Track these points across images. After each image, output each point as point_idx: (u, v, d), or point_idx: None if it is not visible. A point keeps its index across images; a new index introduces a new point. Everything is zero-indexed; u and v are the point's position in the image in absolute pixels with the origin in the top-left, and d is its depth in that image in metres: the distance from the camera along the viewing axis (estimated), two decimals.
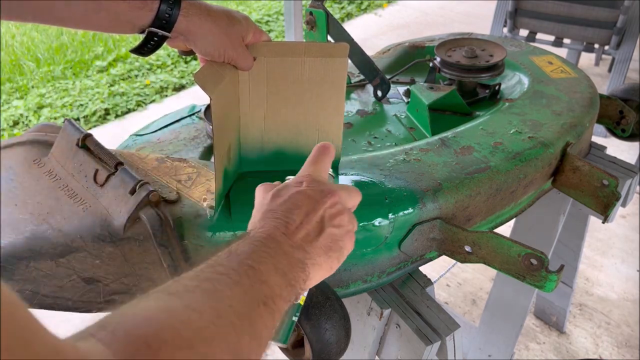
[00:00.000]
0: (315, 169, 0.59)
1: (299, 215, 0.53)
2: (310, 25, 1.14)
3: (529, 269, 0.76)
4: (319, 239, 0.53)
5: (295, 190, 0.55)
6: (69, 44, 3.77)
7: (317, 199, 0.55)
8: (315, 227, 0.53)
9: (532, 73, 1.15)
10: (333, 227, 0.55)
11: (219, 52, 0.69)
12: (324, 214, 0.54)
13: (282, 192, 0.56)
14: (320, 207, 0.54)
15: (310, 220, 0.53)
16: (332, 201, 0.55)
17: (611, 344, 1.68)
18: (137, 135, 1.00)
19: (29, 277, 0.71)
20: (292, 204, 0.54)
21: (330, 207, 0.55)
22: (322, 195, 0.55)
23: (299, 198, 0.54)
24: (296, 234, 0.52)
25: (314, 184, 0.57)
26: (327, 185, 0.57)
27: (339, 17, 4.19)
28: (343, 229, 0.56)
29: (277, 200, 0.55)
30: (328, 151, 0.61)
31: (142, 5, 0.63)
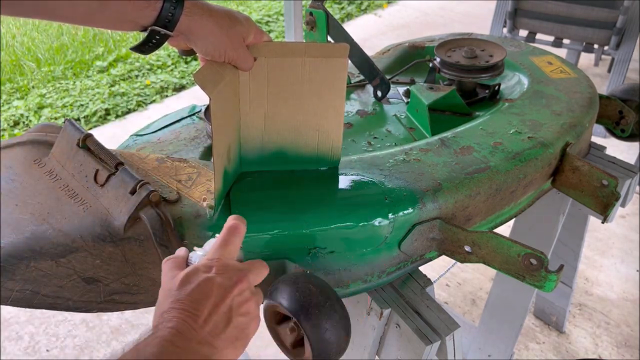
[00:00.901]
0: (226, 252, 0.59)
1: (207, 307, 0.53)
2: (310, 25, 1.15)
3: (529, 269, 0.76)
4: (227, 330, 0.53)
5: (205, 277, 0.55)
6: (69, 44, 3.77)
7: (226, 286, 0.55)
8: (223, 317, 0.53)
9: (531, 73, 1.15)
10: (240, 316, 0.55)
11: (219, 53, 0.69)
12: (232, 303, 0.54)
13: (191, 278, 0.55)
14: (228, 295, 0.54)
15: (218, 311, 0.53)
16: (240, 288, 0.56)
17: (611, 343, 1.68)
18: (137, 135, 1.01)
19: (29, 277, 0.71)
20: (200, 293, 0.53)
21: (239, 295, 0.55)
22: (231, 282, 0.55)
23: (208, 287, 0.54)
24: (204, 328, 0.51)
25: (223, 269, 0.56)
26: (236, 271, 0.57)
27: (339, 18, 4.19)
28: (249, 316, 0.56)
29: (186, 288, 0.54)
30: (238, 232, 0.61)
31: (146, 4, 0.64)
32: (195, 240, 0.73)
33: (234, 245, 0.60)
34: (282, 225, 0.75)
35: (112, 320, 1.76)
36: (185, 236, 0.73)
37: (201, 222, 0.73)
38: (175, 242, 0.72)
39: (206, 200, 0.75)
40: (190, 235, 0.73)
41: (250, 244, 0.74)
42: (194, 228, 0.73)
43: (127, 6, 0.63)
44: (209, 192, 0.77)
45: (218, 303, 0.53)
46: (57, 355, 1.66)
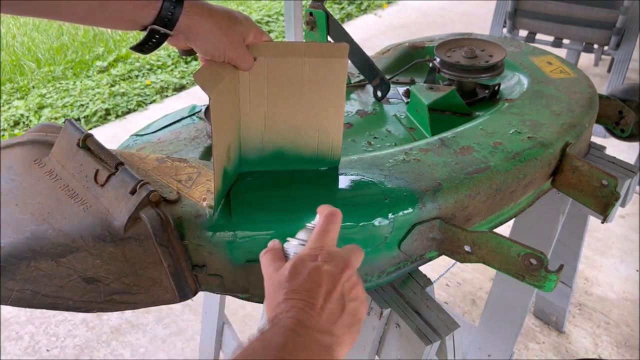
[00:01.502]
0: (327, 239, 0.59)
1: (321, 295, 0.53)
2: (310, 25, 1.15)
3: (529, 269, 0.76)
4: (342, 316, 0.54)
5: (313, 266, 0.55)
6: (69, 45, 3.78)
7: (335, 274, 0.55)
8: (337, 304, 0.54)
9: (531, 73, 1.15)
10: (351, 302, 0.55)
11: (219, 52, 0.69)
12: (342, 289, 0.55)
13: (299, 268, 0.55)
14: (339, 282, 0.55)
15: (331, 299, 0.54)
16: (348, 274, 0.56)
17: (610, 343, 1.68)
18: (137, 135, 1.01)
19: (29, 277, 0.71)
20: (313, 282, 0.54)
21: (347, 281, 0.56)
22: (339, 269, 0.56)
23: (318, 275, 0.54)
24: (321, 316, 0.52)
25: (328, 257, 0.57)
26: (341, 258, 0.57)
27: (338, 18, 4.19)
28: (359, 300, 0.57)
29: (298, 279, 0.54)
30: (337, 219, 0.61)
31: (146, 3, 0.64)
32: (196, 240, 0.74)
33: (333, 232, 0.60)
34: (282, 225, 0.75)
35: (112, 320, 1.76)
36: (185, 236, 0.73)
37: (201, 222, 0.73)
38: (176, 242, 0.72)
39: (206, 200, 0.75)
40: (191, 235, 0.73)
41: (250, 243, 0.74)
42: (194, 228, 0.73)
43: (127, 5, 0.63)
44: (209, 192, 0.77)
45: (330, 290, 0.54)
46: (57, 355, 1.66)
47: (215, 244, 0.74)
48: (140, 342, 1.70)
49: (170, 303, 0.77)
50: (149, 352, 1.67)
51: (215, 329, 1.47)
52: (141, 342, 1.70)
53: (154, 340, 1.70)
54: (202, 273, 0.76)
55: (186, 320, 1.77)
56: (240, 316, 1.76)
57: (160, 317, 1.77)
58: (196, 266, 0.75)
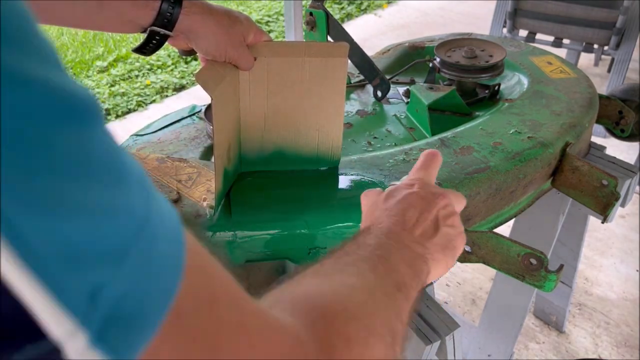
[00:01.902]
0: (425, 174, 0.60)
1: (414, 214, 0.54)
2: (310, 25, 1.15)
3: (529, 269, 0.76)
4: (435, 237, 0.54)
5: (408, 191, 0.56)
6: (69, 44, 3.78)
7: (430, 199, 0.56)
8: (431, 225, 0.54)
9: (531, 73, 1.15)
10: (447, 227, 0.55)
11: (220, 52, 0.69)
12: (437, 214, 0.55)
13: (394, 193, 0.57)
14: (433, 207, 0.55)
15: (425, 219, 0.54)
16: (444, 202, 0.56)
17: (610, 343, 1.68)
18: (137, 135, 1.01)
19: None
20: (407, 203, 0.55)
21: (443, 208, 0.56)
22: (435, 196, 0.56)
23: (412, 198, 0.55)
24: (414, 231, 0.53)
25: (425, 186, 0.58)
26: (437, 188, 0.58)
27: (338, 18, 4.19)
28: (456, 229, 0.57)
29: (391, 200, 0.55)
30: (437, 158, 0.62)
31: (144, 4, 0.64)
32: None
33: (433, 168, 0.62)
34: (282, 225, 0.75)
35: None
36: None
37: (201, 222, 0.73)
38: None
39: (206, 200, 0.75)
40: None
41: (250, 244, 0.74)
42: (194, 228, 0.73)
43: (125, 6, 0.63)
44: (209, 192, 0.77)
45: (424, 211, 0.54)
46: None
47: (215, 244, 0.74)
48: None
49: None
50: None
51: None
52: None
53: None
54: None
55: None
56: None
57: None
58: None
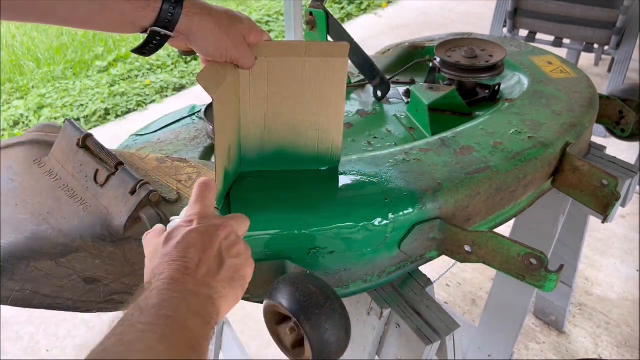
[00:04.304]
0: (202, 206, 0.59)
1: (196, 254, 0.53)
2: (310, 25, 1.15)
3: (529, 269, 0.76)
4: (221, 272, 0.54)
5: (187, 230, 0.55)
6: (69, 44, 3.77)
7: (211, 233, 0.55)
8: (215, 261, 0.54)
9: (531, 73, 1.15)
10: (232, 258, 0.55)
11: (220, 52, 0.69)
12: (220, 246, 0.55)
13: (173, 233, 0.55)
14: (215, 241, 0.55)
15: (208, 256, 0.53)
16: (225, 233, 0.56)
17: (611, 343, 1.68)
18: (137, 135, 1.01)
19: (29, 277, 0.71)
20: (186, 243, 0.53)
21: (225, 239, 0.56)
22: (215, 229, 0.56)
23: (192, 237, 0.54)
24: (198, 272, 0.52)
25: (204, 220, 0.57)
26: (217, 219, 0.58)
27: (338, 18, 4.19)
28: (242, 257, 0.57)
29: (171, 243, 0.54)
30: (210, 187, 0.62)
31: (145, 5, 0.64)
32: None
33: (208, 199, 0.61)
34: (282, 225, 0.75)
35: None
36: None
37: None
38: None
39: None
40: None
41: (250, 244, 0.74)
42: None
43: (127, 7, 0.63)
44: None
45: (206, 248, 0.54)
46: (57, 355, 1.66)
47: None
48: None
49: None
50: None
51: (215, 329, 1.47)
52: None
53: None
54: None
55: None
56: (240, 316, 1.76)
57: None
58: None
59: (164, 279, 0.50)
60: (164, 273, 0.50)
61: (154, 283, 0.49)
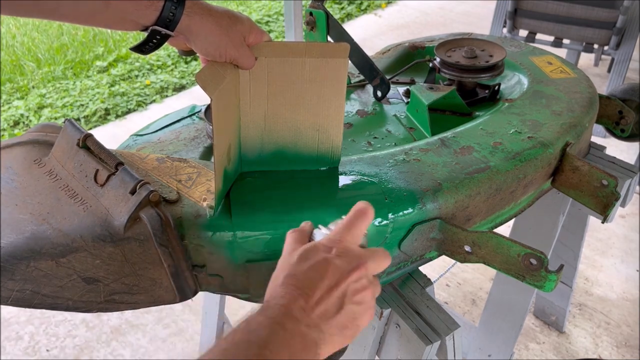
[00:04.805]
0: (349, 235, 0.57)
1: (321, 288, 0.51)
2: (310, 25, 1.15)
3: (529, 269, 0.76)
4: (337, 316, 0.51)
5: (323, 257, 0.53)
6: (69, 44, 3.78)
7: (343, 271, 0.52)
8: (336, 302, 0.52)
9: (531, 73, 1.15)
10: (354, 304, 0.53)
11: (219, 52, 0.69)
12: (346, 289, 0.52)
13: (309, 254, 0.53)
14: (344, 281, 0.52)
15: (331, 295, 0.51)
16: (357, 275, 0.53)
17: (611, 343, 1.68)
18: (137, 135, 1.01)
19: (29, 277, 0.71)
20: (316, 272, 0.52)
21: (355, 282, 0.53)
22: (350, 267, 0.53)
23: (324, 268, 0.52)
24: (314, 310, 0.50)
25: (343, 252, 0.54)
26: (356, 257, 0.54)
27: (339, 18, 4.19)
28: (363, 307, 0.54)
29: (303, 265, 0.52)
30: (367, 216, 0.58)
31: (148, 4, 0.64)
32: (196, 240, 0.74)
33: (359, 229, 0.58)
34: (282, 225, 0.75)
35: (112, 320, 1.76)
36: (185, 236, 0.73)
37: (201, 222, 0.73)
38: (175, 243, 0.72)
39: (206, 200, 0.75)
40: (191, 236, 0.73)
41: (250, 244, 0.74)
42: (194, 228, 0.73)
43: (129, 6, 0.63)
44: (209, 192, 0.77)
45: (332, 286, 0.51)
46: (57, 355, 1.66)
47: (215, 244, 0.74)
48: (140, 342, 1.70)
49: (171, 303, 0.77)
50: (149, 352, 1.66)
51: (215, 329, 1.47)
52: (141, 342, 1.70)
53: (154, 341, 1.70)
54: (202, 273, 0.76)
55: (186, 321, 1.77)
56: (241, 316, 1.76)
57: (160, 317, 1.77)
58: (196, 266, 0.75)
59: (282, 306, 0.49)
60: (284, 298, 0.50)
61: (271, 306, 0.49)
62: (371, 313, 0.55)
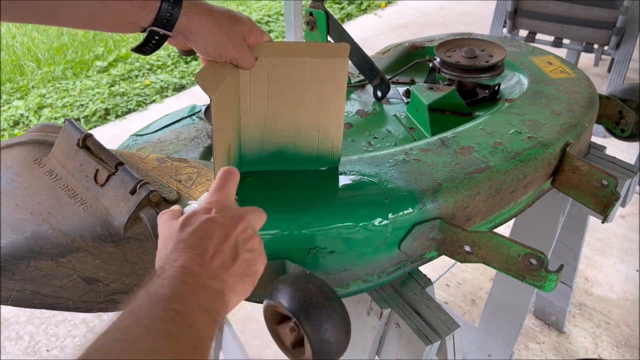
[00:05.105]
0: (223, 195, 0.59)
1: (211, 244, 0.52)
2: (310, 25, 1.15)
3: (529, 269, 0.76)
4: (235, 265, 0.53)
5: (205, 217, 0.54)
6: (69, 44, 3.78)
7: (228, 225, 0.54)
8: (230, 254, 0.53)
9: (531, 73, 1.15)
10: (247, 252, 0.55)
11: (219, 52, 0.69)
12: (236, 239, 0.54)
13: (191, 220, 0.54)
14: (232, 233, 0.54)
15: (224, 248, 0.53)
16: (243, 226, 0.55)
17: (610, 343, 1.68)
18: (137, 135, 1.01)
19: (29, 277, 0.71)
20: (203, 233, 0.53)
21: (242, 233, 0.55)
22: (233, 221, 0.55)
23: (210, 226, 0.53)
24: (211, 263, 0.51)
25: (223, 210, 0.56)
26: (236, 211, 0.57)
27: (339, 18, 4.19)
28: (256, 252, 0.56)
29: (187, 229, 0.53)
30: (233, 176, 0.61)
31: (144, 5, 0.64)
32: None
33: (229, 189, 0.60)
34: (282, 225, 0.75)
35: None
36: None
37: None
38: None
39: None
40: None
41: None
42: None
43: (126, 7, 0.63)
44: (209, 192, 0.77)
45: (222, 240, 0.53)
46: (57, 355, 1.66)
47: None
48: None
49: None
50: None
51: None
52: None
53: None
54: None
55: None
56: (240, 316, 1.76)
57: None
58: None
59: (178, 267, 0.49)
60: (178, 260, 0.50)
61: (167, 270, 0.49)
62: (264, 259, 0.58)
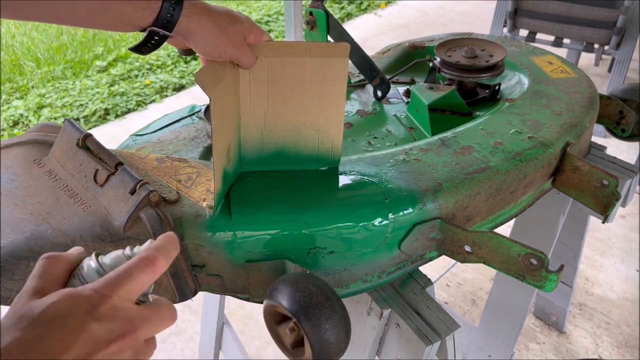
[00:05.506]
0: (123, 290, 0.43)
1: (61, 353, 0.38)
2: (310, 25, 1.15)
3: (529, 269, 0.76)
4: None
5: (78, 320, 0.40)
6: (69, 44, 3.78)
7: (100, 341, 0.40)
8: None
9: (531, 73, 1.15)
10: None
11: (219, 53, 0.69)
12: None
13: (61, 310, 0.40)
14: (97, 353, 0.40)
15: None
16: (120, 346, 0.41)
17: (611, 343, 1.68)
18: (137, 135, 1.00)
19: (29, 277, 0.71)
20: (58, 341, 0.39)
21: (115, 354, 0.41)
22: (111, 337, 0.41)
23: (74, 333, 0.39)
24: None
25: (109, 314, 0.41)
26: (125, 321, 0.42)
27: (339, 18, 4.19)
28: None
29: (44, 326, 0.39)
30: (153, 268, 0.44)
31: (145, 5, 0.64)
32: (195, 240, 0.73)
33: (139, 283, 0.44)
34: (282, 225, 0.75)
35: None
36: (185, 236, 0.73)
37: (201, 222, 0.73)
38: None
39: (206, 200, 0.75)
40: (190, 236, 0.73)
41: (250, 244, 0.74)
42: (194, 228, 0.73)
43: (127, 7, 0.63)
44: (209, 192, 0.77)
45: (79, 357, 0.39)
46: None
47: (215, 244, 0.74)
48: None
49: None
50: None
51: (215, 329, 1.47)
52: None
53: None
54: (202, 273, 0.76)
55: (186, 321, 1.77)
56: (240, 316, 1.76)
57: None
58: (196, 266, 0.75)
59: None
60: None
61: None
62: None
